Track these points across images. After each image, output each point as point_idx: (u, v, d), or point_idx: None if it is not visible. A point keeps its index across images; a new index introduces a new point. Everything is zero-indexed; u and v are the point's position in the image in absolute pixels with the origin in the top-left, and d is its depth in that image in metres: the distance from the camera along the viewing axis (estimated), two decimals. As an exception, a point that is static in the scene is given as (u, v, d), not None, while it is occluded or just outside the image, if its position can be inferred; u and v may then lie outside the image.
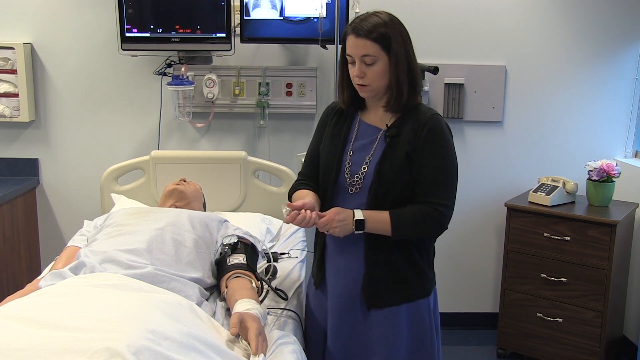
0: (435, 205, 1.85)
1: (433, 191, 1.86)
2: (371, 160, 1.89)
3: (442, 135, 1.87)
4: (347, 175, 1.92)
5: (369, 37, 1.81)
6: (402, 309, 1.92)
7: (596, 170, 3.09)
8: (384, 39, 1.81)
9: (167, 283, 1.91)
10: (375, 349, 1.94)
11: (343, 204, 1.92)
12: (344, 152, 1.94)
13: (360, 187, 1.90)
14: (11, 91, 3.20)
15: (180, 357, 1.47)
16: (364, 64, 1.84)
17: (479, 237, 3.54)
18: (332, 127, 2.01)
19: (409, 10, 3.25)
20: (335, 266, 1.99)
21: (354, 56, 1.85)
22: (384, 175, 1.86)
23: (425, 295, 1.96)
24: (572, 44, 3.34)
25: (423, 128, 1.85)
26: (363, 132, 1.95)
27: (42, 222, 3.42)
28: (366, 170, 1.89)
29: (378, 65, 1.83)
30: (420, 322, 1.95)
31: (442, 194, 1.86)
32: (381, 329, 1.93)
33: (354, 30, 1.83)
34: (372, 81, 1.85)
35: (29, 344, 1.44)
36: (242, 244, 2.21)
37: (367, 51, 1.82)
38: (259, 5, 3.01)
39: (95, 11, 3.20)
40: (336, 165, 1.94)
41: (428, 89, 3.29)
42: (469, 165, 3.45)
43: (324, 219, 1.84)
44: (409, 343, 1.95)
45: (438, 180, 1.86)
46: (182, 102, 3.13)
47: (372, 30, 1.81)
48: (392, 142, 1.88)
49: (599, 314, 2.97)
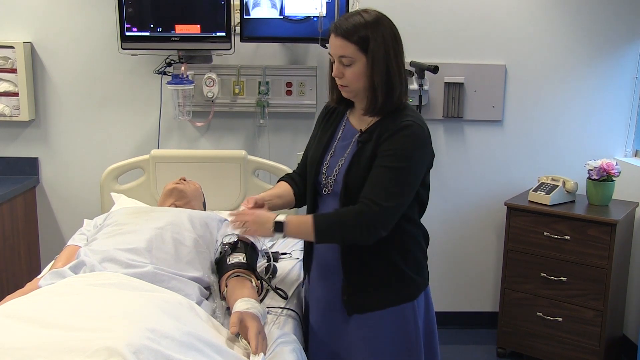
0: (368, 203, 1.74)
1: (372, 190, 1.76)
2: (342, 164, 1.87)
3: (404, 140, 1.77)
4: (324, 176, 1.91)
5: (346, 37, 1.76)
6: (385, 313, 1.88)
7: (596, 170, 3.09)
8: (362, 40, 1.76)
9: (167, 282, 1.91)
10: (357, 350, 1.92)
11: (322, 204, 1.94)
12: (326, 152, 1.93)
13: (332, 190, 1.89)
14: (11, 90, 3.19)
15: (180, 356, 1.47)
16: (341, 64, 1.80)
17: (479, 236, 3.54)
18: (322, 126, 2.01)
19: (408, 10, 3.25)
20: (317, 265, 1.99)
21: (333, 55, 1.82)
22: (350, 181, 1.83)
23: (410, 299, 1.90)
24: (572, 43, 3.34)
25: (390, 133, 1.78)
26: (346, 133, 1.93)
27: (42, 221, 3.42)
28: (337, 175, 1.88)
29: (356, 66, 1.78)
30: (404, 326, 1.90)
31: (381, 194, 1.74)
32: (363, 332, 1.90)
33: (334, 30, 1.79)
34: (350, 82, 1.82)
35: (28, 343, 1.44)
36: (242, 243, 2.21)
37: (344, 52, 1.78)
38: (259, 4, 3.01)
39: (95, 10, 3.20)
40: (316, 166, 1.93)
41: (428, 88, 3.29)
42: (468, 164, 3.45)
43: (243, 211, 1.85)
44: (393, 347, 1.90)
45: (382, 181, 1.76)
46: (182, 101, 3.13)
47: (351, 30, 1.76)
48: (362, 147, 1.84)
49: (599, 313, 2.97)
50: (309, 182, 1.98)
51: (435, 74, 3.03)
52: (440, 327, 2.10)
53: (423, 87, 3.13)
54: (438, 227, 3.41)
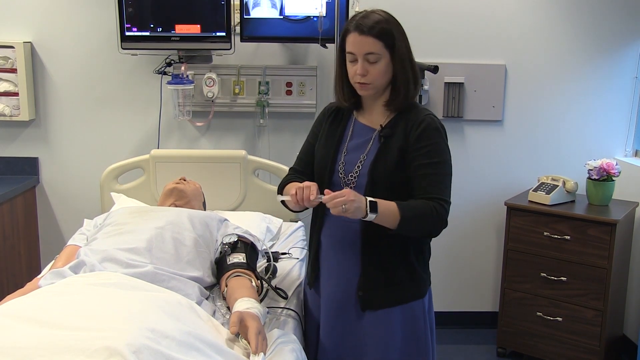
0: (439, 200, 1.82)
1: (433, 187, 1.83)
2: (365, 159, 1.89)
3: (436, 133, 1.86)
4: (342, 175, 1.92)
5: (372, 34, 1.80)
6: (397, 310, 1.91)
7: (596, 169, 3.09)
8: (387, 36, 1.81)
9: (166, 282, 1.91)
10: (368, 349, 1.93)
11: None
12: (339, 152, 1.94)
13: (355, 186, 1.89)
14: (11, 90, 3.19)
15: (180, 355, 1.47)
16: (367, 62, 1.82)
17: (479, 236, 3.54)
18: (327, 127, 2.01)
19: (409, 10, 3.25)
20: (330, 265, 1.99)
21: (356, 54, 1.83)
22: (377, 175, 1.85)
23: (420, 296, 1.94)
24: (572, 42, 3.34)
25: (417, 127, 1.85)
26: (358, 132, 1.95)
27: (42, 221, 3.42)
28: (360, 170, 1.89)
29: (381, 63, 1.83)
30: (414, 323, 1.93)
31: (442, 191, 1.84)
32: (375, 330, 1.92)
33: (357, 28, 1.81)
34: (374, 79, 1.84)
35: (29, 342, 1.44)
36: (242, 243, 2.21)
37: (371, 49, 1.81)
38: (259, 4, 3.01)
39: (95, 10, 3.20)
40: (330, 165, 1.94)
41: (428, 88, 3.29)
42: (468, 164, 3.45)
43: (339, 193, 1.72)
44: (403, 344, 1.93)
45: (436, 177, 1.84)
46: (182, 101, 3.13)
47: (375, 27, 1.80)
48: (385, 142, 1.87)
49: (599, 313, 2.97)
50: (321, 182, 1.94)
51: (435, 74, 3.03)
52: (440, 327, 2.11)
53: (423, 87, 3.13)
54: (438, 227, 3.41)
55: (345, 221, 1.89)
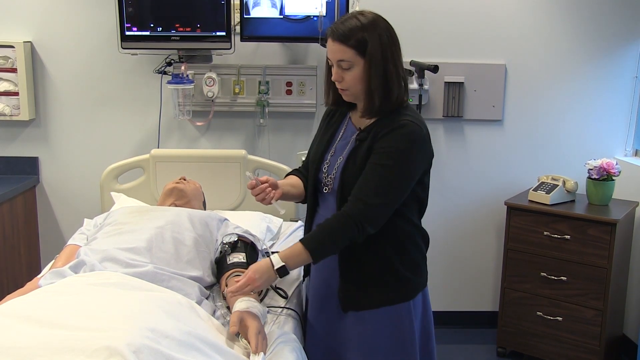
0: (354, 200, 1.76)
1: (360, 188, 1.78)
2: (341, 162, 1.89)
3: (402, 139, 1.77)
4: (324, 175, 1.93)
5: (344, 42, 1.76)
6: (381, 312, 1.89)
7: (596, 169, 3.09)
8: (360, 44, 1.76)
9: (167, 282, 1.91)
10: (352, 346, 1.93)
11: (322, 202, 1.96)
12: (327, 151, 1.95)
13: (331, 188, 1.90)
14: (11, 90, 3.19)
15: (180, 355, 1.47)
16: (340, 68, 1.80)
17: (479, 235, 3.54)
18: (324, 126, 2.02)
19: (409, 9, 3.25)
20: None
21: (331, 60, 1.82)
22: (346, 178, 1.84)
23: (406, 299, 1.90)
24: (572, 42, 3.34)
25: (386, 132, 1.79)
26: (347, 132, 1.94)
27: (42, 221, 3.42)
28: (335, 172, 1.89)
29: (354, 70, 1.79)
30: (400, 325, 1.90)
31: (368, 192, 1.76)
32: (358, 329, 1.91)
33: (332, 34, 1.79)
34: (350, 86, 1.82)
35: (29, 342, 1.44)
36: (242, 243, 2.21)
37: (343, 56, 1.78)
38: (259, 3, 3.01)
39: (95, 10, 3.20)
40: (317, 163, 1.95)
41: (428, 88, 3.29)
42: (468, 164, 3.45)
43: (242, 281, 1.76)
44: (388, 345, 1.91)
45: (371, 178, 1.77)
46: (182, 100, 3.13)
47: (348, 34, 1.76)
48: (359, 145, 1.86)
49: (599, 313, 2.97)
50: (310, 181, 2.00)
51: (435, 74, 3.02)
52: (440, 326, 2.11)
53: (423, 86, 3.13)
54: (438, 226, 3.41)
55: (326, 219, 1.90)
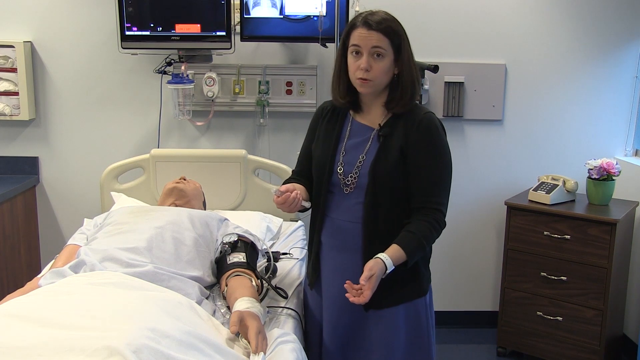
0: (435, 205, 1.85)
1: (430, 191, 1.86)
2: (365, 160, 1.89)
3: (436, 133, 1.87)
4: (341, 176, 1.92)
5: (380, 30, 1.81)
6: (400, 309, 1.92)
7: (596, 169, 3.09)
8: (395, 34, 1.83)
9: (167, 281, 1.91)
10: (373, 347, 1.94)
11: (338, 203, 1.93)
12: (337, 152, 1.94)
13: (355, 187, 1.89)
14: (11, 89, 3.19)
15: (180, 355, 1.47)
16: (372, 57, 1.83)
17: (479, 235, 3.54)
18: (324, 127, 2.01)
19: (409, 9, 3.25)
20: (332, 265, 1.99)
21: (363, 47, 1.82)
22: (378, 175, 1.85)
23: (422, 294, 1.96)
24: (572, 42, 3.34)
25: (417, 126, 1.85)
26: (356, 131, 1.94)
27: (42, 221, 3.42)
28: (360, 170, 1.89)
29: (385, 60, 1.83)
30: (417, 320, 1.96)
31: (439, 193, 1.87)
32: (379, 328, 1.93)
33: (365, 23, 1.82)
34: (376, 76, 1.84)
35: (29, 342, 1.44)
36: (242, 243, 2.21)
37: (379, 43, 1.82)
38: (259, 3, 3.01)
39: (96, 10, 3.20)
40: (329, 165, 1.93)
41: (428, 88, 3.29)
42: (469, 163, 3.45)
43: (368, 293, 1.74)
44: (407, 340, 1.95)
45: (434, 179, 1.86)
46: (182, 100, 3.13)
47: (383, 23, 1.82)
48: (385, 141, 1.87)
49: (599, 313, 2.97)
50: (319, 183, 1.97)
51: (435, 73, 3.02)
52: (440, 326, 2.12)
53: (423, 86, 3.13)
54: (438, 226, 3.41)
55: (346, 221, 1.91)
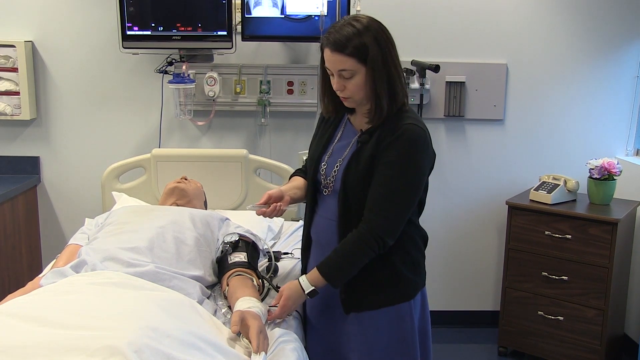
0: (373, 223, 1.78)
1: (377, 206, 1.79)
2: (341, 164, 1.88)
3: (407, 146, 1.77)
4: (323, 176, 1.93)
5: (343, 51, 1.73)
6: (382, 312, 1.90)
7: (597, 169, 3.09)
8: (359, 51, 1.73)
9: (168, 281, 1.91)
10: (354, 346, 1.93)
11: (321, 203, 1.96)
12: (325, 152, 1.94)
13: (332, 190, 1.90)
14: (12, 89, 3.20)
15: (182, 354, 1.47)
16: (342, 78, 1.78)
17: (480, 235, 3.54)
18: (323, 125, 2.02)
19: (409, 9, 3.25)
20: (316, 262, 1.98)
21: (332, 69, 1.80)
22: (348, 182, 1.84)
23: (406, 299, 1.91)
24: (574, 42, 3.34)
25: (390, 136, 1.78)
26: (346, 134, 1.94)
27: (43, 220, 3.43)
28: (336, 174, 1.88)
29: (356, 78, 1.77)
30: (401, 325, 1.91)
31: (386, 210, 1.78)
32: (359, 331, 1.92)
33: (329, 44, 1.76)
34: (353, 94, 1.80)
35: (30, 342, 1.44)
36: (243, 242, 2.21)
37: (344, 66, 1.75)
38: (260, 3, 3.01)
39: (97, 9, 3.20)
40: (315, 164, 1.95)
41: (429, 87, 3.29)
42: (470, 163, 3.45)
43: (278, 312, 1.87)
44: (389, 344, 1.92)
45: (386, 194, 1.78)
46: (183, 100, 3.13)
47: (346, 43, 1.73)
48: (361, 147, 1.85)
49: (600, 312, 2.97)
50: (308, 181, 2.00)
51: (436, 73, 3.02)
52: (441, 326, 2.11)
53: (424, 86, 3.12)
54: (439, 226, 3.42)
55: (327, 218, 1.92)
